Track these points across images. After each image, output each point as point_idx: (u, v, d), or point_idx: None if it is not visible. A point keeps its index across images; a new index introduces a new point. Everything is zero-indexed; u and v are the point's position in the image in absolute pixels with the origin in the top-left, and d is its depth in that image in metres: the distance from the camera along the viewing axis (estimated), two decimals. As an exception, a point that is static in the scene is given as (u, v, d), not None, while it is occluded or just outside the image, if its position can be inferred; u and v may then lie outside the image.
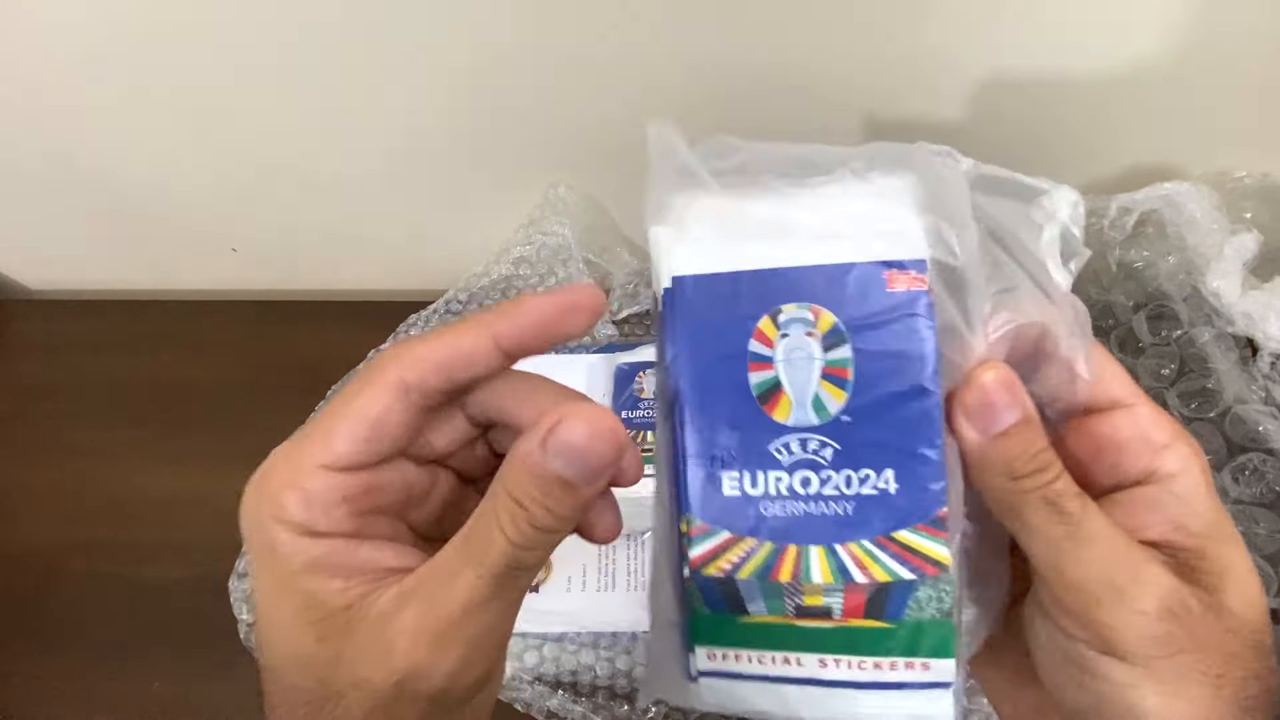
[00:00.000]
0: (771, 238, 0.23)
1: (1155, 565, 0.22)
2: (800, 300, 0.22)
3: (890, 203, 0.23)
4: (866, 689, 0.23)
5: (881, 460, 0.22)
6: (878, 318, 0.22)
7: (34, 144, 0.64)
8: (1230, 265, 0.55)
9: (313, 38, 0.55)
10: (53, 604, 0.58)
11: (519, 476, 0.21)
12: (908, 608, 0.22)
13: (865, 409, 0.22)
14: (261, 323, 0.75)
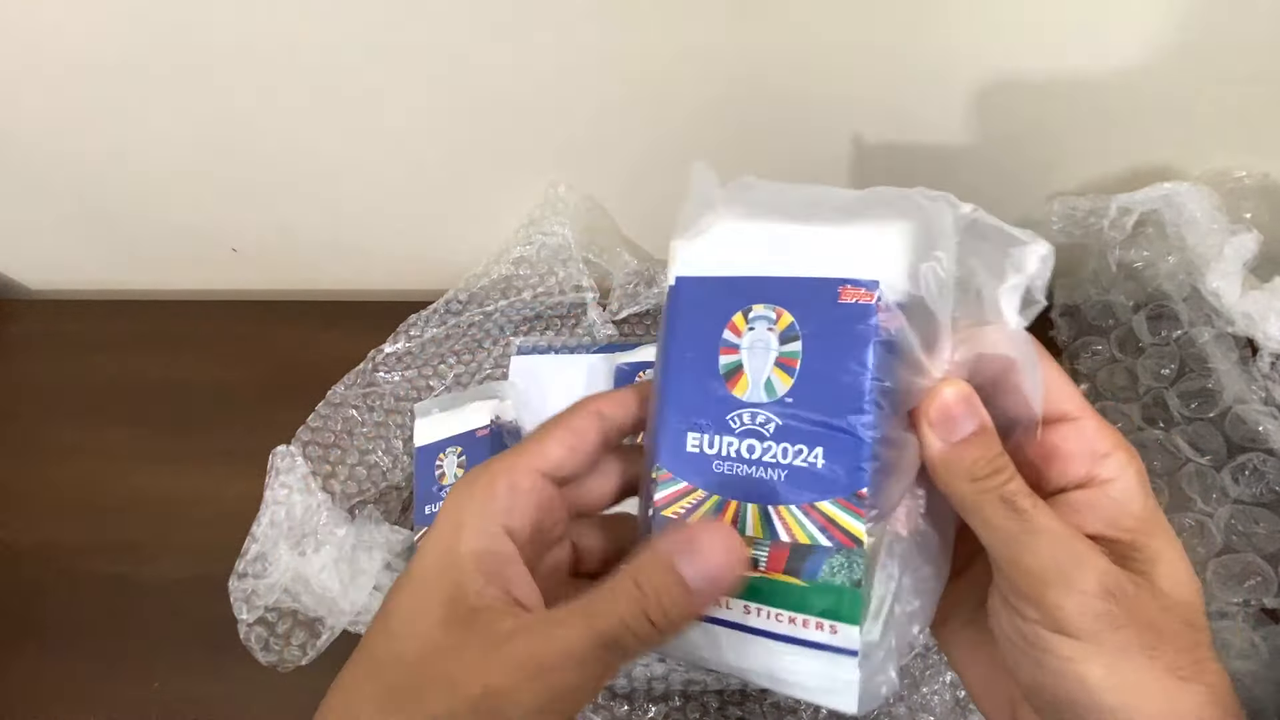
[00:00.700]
0: (761, 255, 0.29)
1: (1096, 554, 0.25)
2: (767, 302, 0.28)
3: (871, 237, 0.28)
4: (781, 642, 0.26)
5: (814, 439, 0.26)
6: (828, 323, 0.27)
7: (34, 144, 0.64)
8: (1230, 265, 0.55)
9: (313, 38, 0.55)
10: (53, 604, 0.59)
11: (650, 567, 0.25)
12: (821, 571, 0.26)
13: (806, 394, 0.27)
14: (261, 323, 0.75)
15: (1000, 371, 0.27)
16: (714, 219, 0.30)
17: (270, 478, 0.56)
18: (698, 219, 0.30)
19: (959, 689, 0.53)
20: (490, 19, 0.53)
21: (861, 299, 0.26)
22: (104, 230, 0.73)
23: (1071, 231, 0.65)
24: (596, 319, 0.71)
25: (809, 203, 0.29)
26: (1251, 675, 0.51)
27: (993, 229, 0.30)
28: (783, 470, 0.26)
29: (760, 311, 0.28)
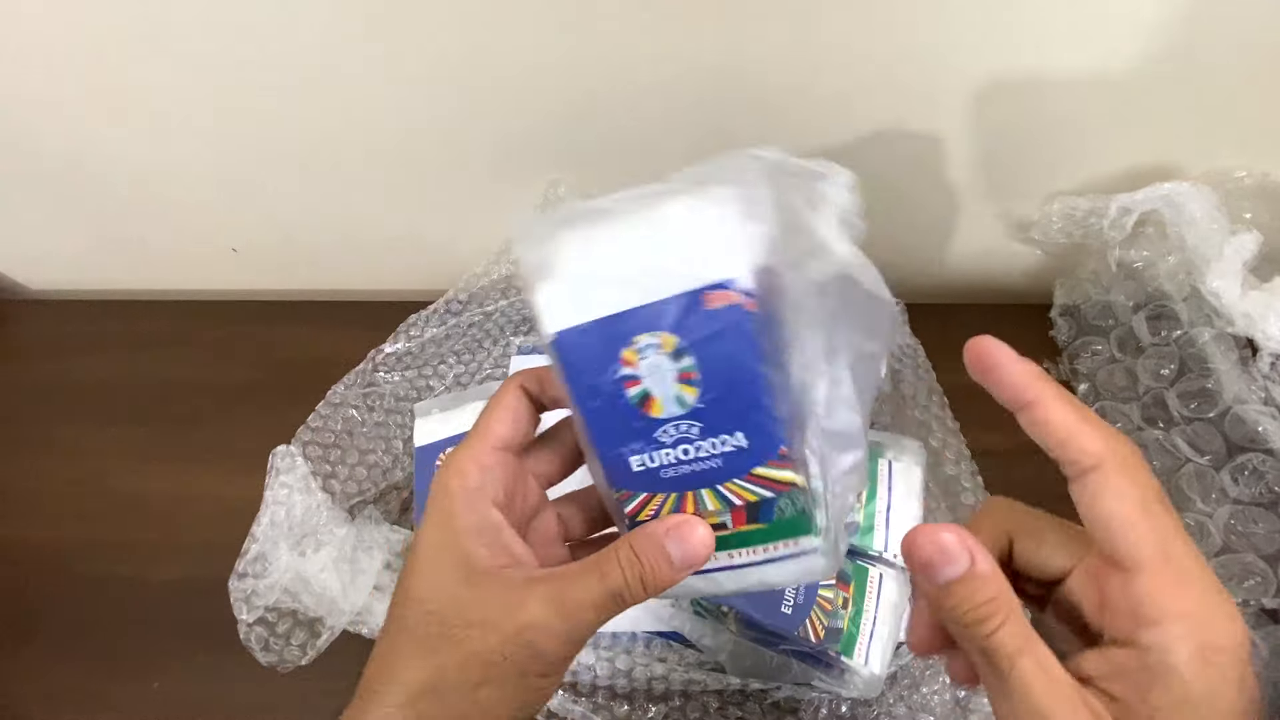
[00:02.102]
0: (620, 283, 0.30)
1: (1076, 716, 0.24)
2: (648, 330, 0.30)
3: (713, 222, 0.30)
4: (764, 564, 0.33)
5: (733, 426, 0.31)
6: (707, 331, 0.30)
7: (34, 145, 0.64)
8: (1230, 265, 0.55)
9: (313, 39, 0.55)
10: (53, 604, 0.59)
11: (648, 544, 0.30)
12: (774, 513, 0.32)
13: (713, 396, 0.30)
14: (261, 323, 0.75)
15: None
16: (563, 261, 0.31)
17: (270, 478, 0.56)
18: (546, 266, 0.31)
19: (959, 689, 0.53)
20: (490, 18, 0.53)
21: (727, 301, 0.29)
22: (104, 230, 0.73)
23: (1071, 231, 0.65)
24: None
25: (638, 210, 0.31)
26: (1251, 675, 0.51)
27: (801, 168, 0.32)
28: (718, 458, 0.31)
29: (645, 340, 0.30)
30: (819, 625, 0.53)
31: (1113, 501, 0.27)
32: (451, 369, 0.69)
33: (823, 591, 0.54)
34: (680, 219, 0.30)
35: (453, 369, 0.69)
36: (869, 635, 0.53)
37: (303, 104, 0.60)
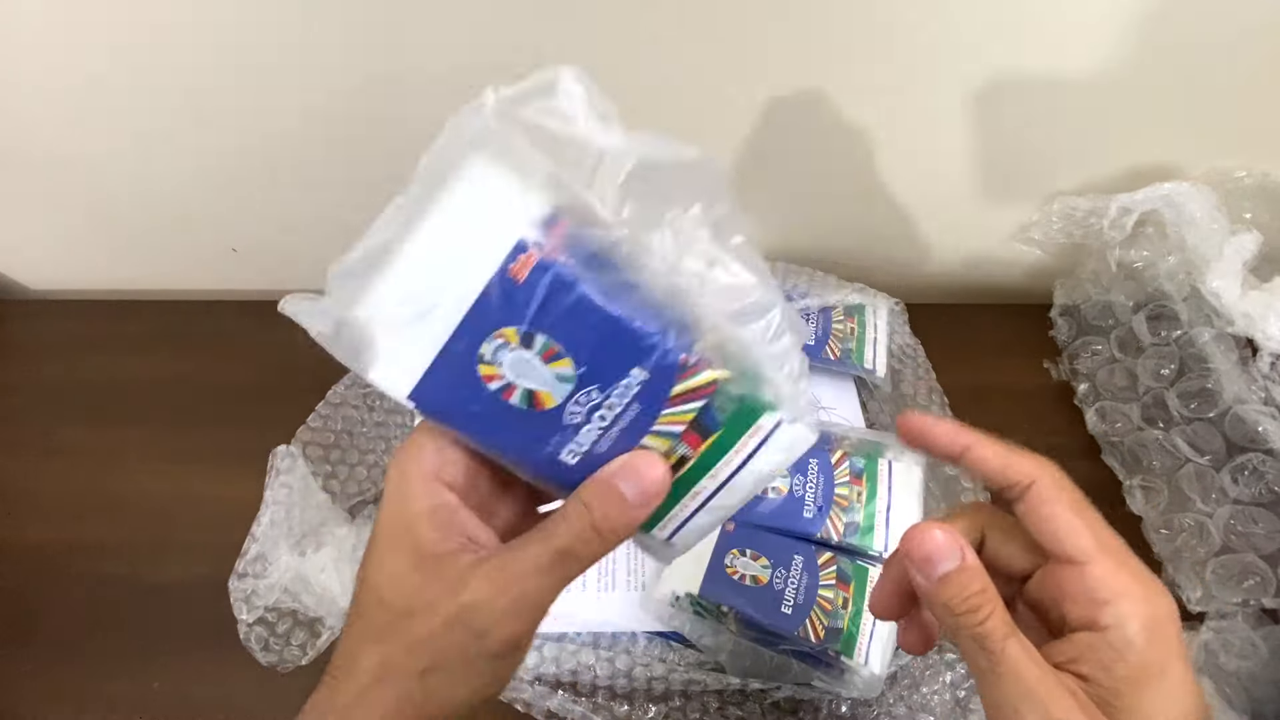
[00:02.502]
0: (431, 309, 0.29)
1: (1058, 699, 0.27)
2: (485, 336, 0.28)
3: (474, 199, 0.28)
4: (746, 466, 0.31)
5: (624, 368, 0.29)
6: (534, 304, 0.28)
7: (34, 145, 0.64)
8: (1230, 265, 0.55)
9: (313, 39, 0.55)
10: (53, 604, 0.58)
11: (594, 488, 0.29)
12: (718, 416, 0.30)
13: (587, 355, 0.29)
14: (261, 323, 0.75)
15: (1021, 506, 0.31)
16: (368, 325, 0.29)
17: (270, 478, 0.56)
18: (355, 339, 0.30)
19: (959, 689, 0.53)
20: (491, 18, 0.53)
21: (530, 264, 0.27)
22: (104, 230, 0.73)
23: (1071, 231, 0.65)
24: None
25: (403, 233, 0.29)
26: (1251, 675, 0.51)
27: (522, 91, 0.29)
28: (636, 403, 0.30)
29: (490, 344, 0.29)
30: (819, 625, 0.53)
31: (1053, 508, 0.30)
32: (451, 369, 0.69)
33: (822, 592, 0.54)
34: (443, 217, 0.28)
35: (453, 369, 0.69)
36: (869, 635, 0.53)
37: (303, 104, 0.60)
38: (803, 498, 0.58)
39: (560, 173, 0.27)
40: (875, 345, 0.67)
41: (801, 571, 0.55)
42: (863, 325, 0.68)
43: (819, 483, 0.58)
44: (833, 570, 0.55)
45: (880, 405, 0.66)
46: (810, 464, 0.59)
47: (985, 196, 0.67)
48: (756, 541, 0.55)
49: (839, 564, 0.55)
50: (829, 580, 0.54)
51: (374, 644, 0.29)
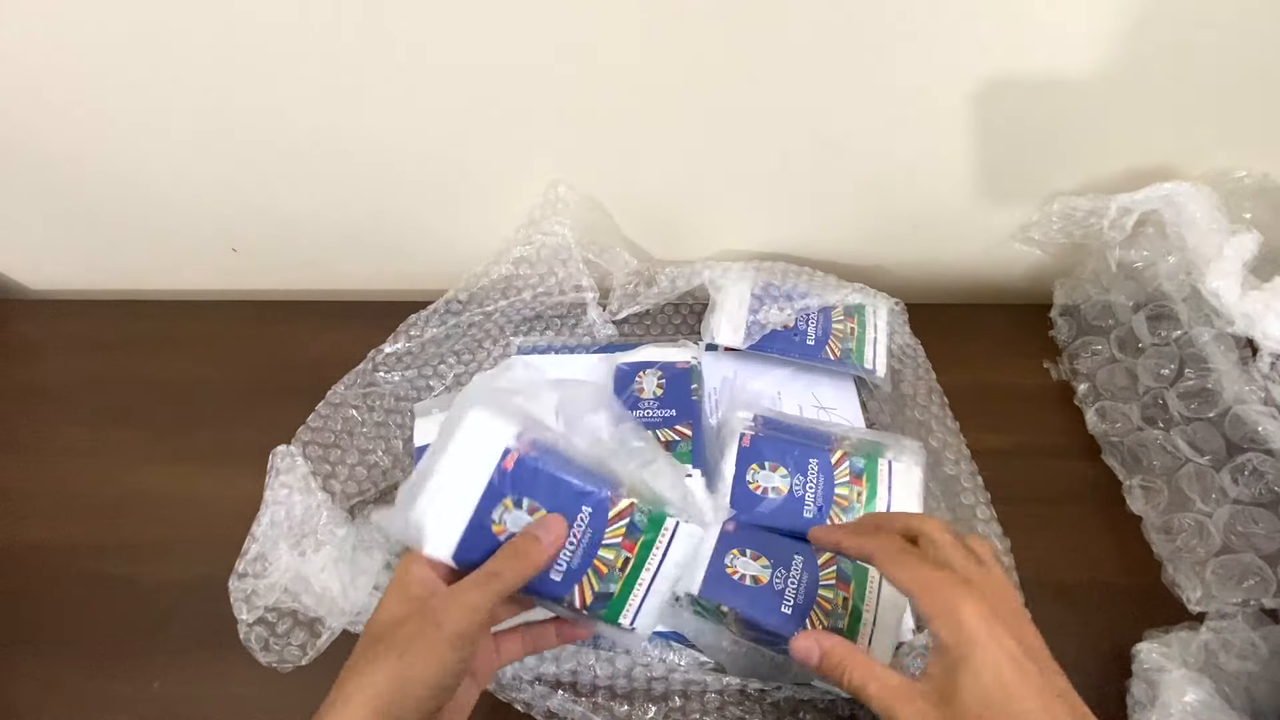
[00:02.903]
0: (459, 495, 0.45)
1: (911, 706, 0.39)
2: (492, 506, 0.45)
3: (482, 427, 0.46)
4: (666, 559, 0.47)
5: (578, 509, 0.46)
6: (519, 480, 0.45)
7: (34, 145, 0.64)
8: (1230, 265, 0.55)
9: (313, 39, 0.55)
10: (53, 604, 0.58)
11: (520, 538, 0.44)
12: (638, 525, 0.47)
13: (555, 506, 0.46)
14: (261, 323, 0.75)
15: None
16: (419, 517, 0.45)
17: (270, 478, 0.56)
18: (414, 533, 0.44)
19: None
20: (491, 18, 0.53)
21: (513, 460, 0.45)
22: (104, 230, 0.73)
23: (1071, 231, 0.65)
24: (596, 319, 0.71)
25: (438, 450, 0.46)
26: (1251, 675, 0.51)
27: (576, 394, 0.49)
28: (589, 530, 0.46)
29: (497, 512, 0.45)
30: (819, 625, 0.53)
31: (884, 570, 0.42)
32: (451, 369, 0.69)
33: (823, 592, 0.54)
34: (459, 444, 0.45)
35: (453, 369, 0.69)
36: (869, 635, 0.53)
37: (303, 103, 0.60)
38: (803, 498, 0.58)
39: (522, 409, 0.47)
40: (875, 345, 0.67)
41: (801, 571, 0.55)
42: (863, 325, 0.68)
43: (819, 483, 0.58)
44: (833, 570, 0.55)
45: (880, 405, 0.66)
46: (810, 464, 0.59)
47: (985, 196, 0.67)
48: (757, 542, 0.55)
49: (839, 564, 0.55)
50: (829, 580, 0.54)
51: (369, 648, 0.41)
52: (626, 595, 0.46)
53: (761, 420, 0.62)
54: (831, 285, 0.70)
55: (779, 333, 0.67)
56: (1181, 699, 0.48)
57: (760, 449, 0.60)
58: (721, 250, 0.74)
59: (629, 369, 0.66)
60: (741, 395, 0.67)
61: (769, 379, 0.68)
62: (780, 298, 0.69)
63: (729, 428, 0.62)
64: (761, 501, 0.58)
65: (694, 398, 0.63)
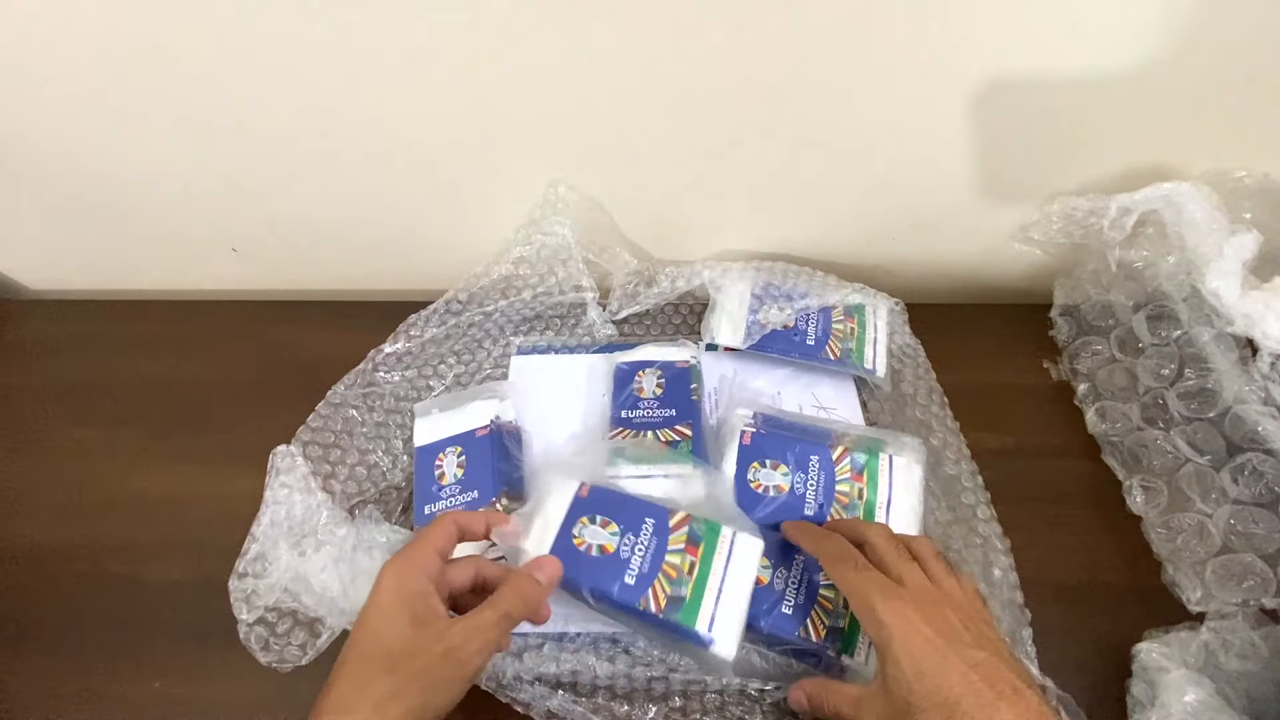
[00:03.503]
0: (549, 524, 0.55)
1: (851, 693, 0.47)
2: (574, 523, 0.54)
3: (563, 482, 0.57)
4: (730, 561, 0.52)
5: (642, 520, 0.54)
6: (592, 501, 0.55)
7: (34, 145, 0.64)
8: (1230, 265, 0.55)
9: (312, 39, 0.55)
10: (53, 604, 0.59)
11: (520, 578, 0.49)
12: (697, 533, 0.53)
13: (622, 519, 0.54)
14: (261, 323, 0.75)
15: None
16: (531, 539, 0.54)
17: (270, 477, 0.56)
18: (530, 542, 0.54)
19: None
20: (491, 20, 0.53)
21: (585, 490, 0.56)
22: (104, 230, 0.73)
23: (1071, 231, 0.65)
24: (596, 319, 0.71)
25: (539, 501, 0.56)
26: (1251, 675, 0.51)
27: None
28: (654, 538, 0.53)
29: (577, 528, 0.54)
30: (819, 625, 0.53)
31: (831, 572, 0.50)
32: (451, 369, 0.69)
33: (823, 591, 0.54)
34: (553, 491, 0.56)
35: (452, 369, 0.69)
36: None
37: (302, 104, 0.60)
38: (804, 495, 0.58)
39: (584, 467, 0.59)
40: (875, 345, 0.67)
41: (802, 570, 0.55)
42: (863, 325, 0.68)
43: (820, 480, 0.58)
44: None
45: (880, 405, 0.66)
46: (811, 461, 0.59)
47: (985, 196, 0.67)
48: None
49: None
50: (828, 579, 0.54)
51: (386, 675, 0.42)
52: (699, 599, 0.50)
53: (761, 418, 0.62)
54: (831, 285, 0.70)
55: (779, 333, 0.67)
56: (1181, 699, 0.48)
57: (761, 446, 0.60)
58: (721, 250, 0.74)
59: (628, 368, 0.66)
60: (741, 394, 0.67)
61: (769, 379, 0.68)
62: (780, 298, 0.69)
63: (729, 426, 0.62)
64: (763, 500, 0.58)
65: (694, 397, 0.63)
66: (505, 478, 0.60)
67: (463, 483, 0.59)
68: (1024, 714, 0.40)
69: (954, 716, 0.40)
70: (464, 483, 0.59)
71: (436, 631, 0.44)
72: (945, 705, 0.41)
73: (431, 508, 0.59)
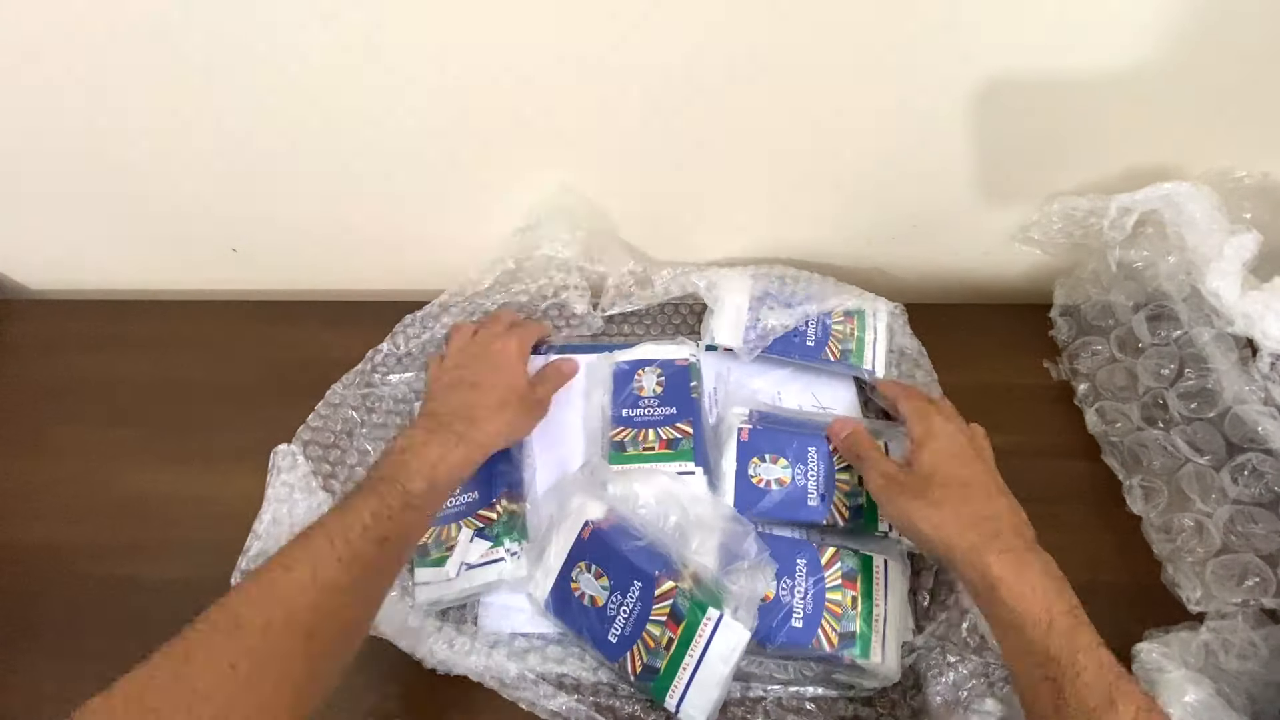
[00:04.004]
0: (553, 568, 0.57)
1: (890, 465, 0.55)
2: (572, 567, 0.56)
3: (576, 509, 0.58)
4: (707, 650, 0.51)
5: (630, 582, 0.54)
6: (591, 548, 0.56)
7: (34, 145, 0.64)
8: (1230, 265, 0.55)
9: (314, 39, 0.55)
10: (53, 604, 0.58)
11: (550, 367, 0.66)
12: (680, 609, 0.52)
13: (613, 576, 0.55)
14: (261, 323, 0.75)
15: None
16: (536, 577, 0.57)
17: (272, 476, 0.56)
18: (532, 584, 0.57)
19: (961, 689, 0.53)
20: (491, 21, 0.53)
21: (589, 531, 0.57)
22: (104, 230, 0.73)
23: (1071, 231, 0.65)
24: (592, 318, 0.71)
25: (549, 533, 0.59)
26: (1251, 675, 0.51)
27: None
28: (639, 603, 0.54)
29: (575, 572, 0.56)
30: (831, 633, 0.53)
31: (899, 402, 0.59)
32: (451, 369, 0.69)
33: (830, 595, 0.54)
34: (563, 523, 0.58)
35: (453, 369, 0.69)
36: (883, 631, 0.53)
37: (302, 104, 0.60)
38: (805, 486, 0.58)
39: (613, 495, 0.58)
40: (875, 346, 0.67)
41: (807, 576, 0.54)
42: (862, 326, 0.68)
43: (820, 470, 0.58)
44: (838, 569, 0.55)
45: (880, 405, 0.66)
46: (809, 452, 0.59)
47: (985, 196, 0.67)
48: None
49: (843, 560, 0.55)
50: (835, 581, 0.54)
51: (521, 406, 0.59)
52: (671, 675, 0.50)
53: (757, 415, 0.62)
54: (830, 287, 0.70)
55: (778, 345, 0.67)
56: (1181, 699, 0.48)
57: (759, 442, 0.60)
58: (721, 251, 0.74)
59: (628, 367, 0.66)
60: (740, 393, 0.67)
61: (768, 379, 0.68)
62: (779, 305, 0.68)
63: (726, 424, 0.62)
64: (765, 495, 0.58)
65: (694, 395, 0.63)
66: (505, 479, 0.60)
67: (464, 484, 0.59)
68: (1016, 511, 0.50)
69: (969, 488, 0.51)
70: (465, 484, 0.59)
71: (529, 388, 0.61)
72: (968, 488, 0.50)
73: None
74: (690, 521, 0.56)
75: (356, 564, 0.43)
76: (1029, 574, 0.45)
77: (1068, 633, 0.43)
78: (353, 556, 0.43)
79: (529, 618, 0.57)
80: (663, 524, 0.56)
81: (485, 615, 0.57)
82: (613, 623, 0.52)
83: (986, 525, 0.48)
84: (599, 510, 0.56)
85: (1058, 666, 0.42)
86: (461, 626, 0.57)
